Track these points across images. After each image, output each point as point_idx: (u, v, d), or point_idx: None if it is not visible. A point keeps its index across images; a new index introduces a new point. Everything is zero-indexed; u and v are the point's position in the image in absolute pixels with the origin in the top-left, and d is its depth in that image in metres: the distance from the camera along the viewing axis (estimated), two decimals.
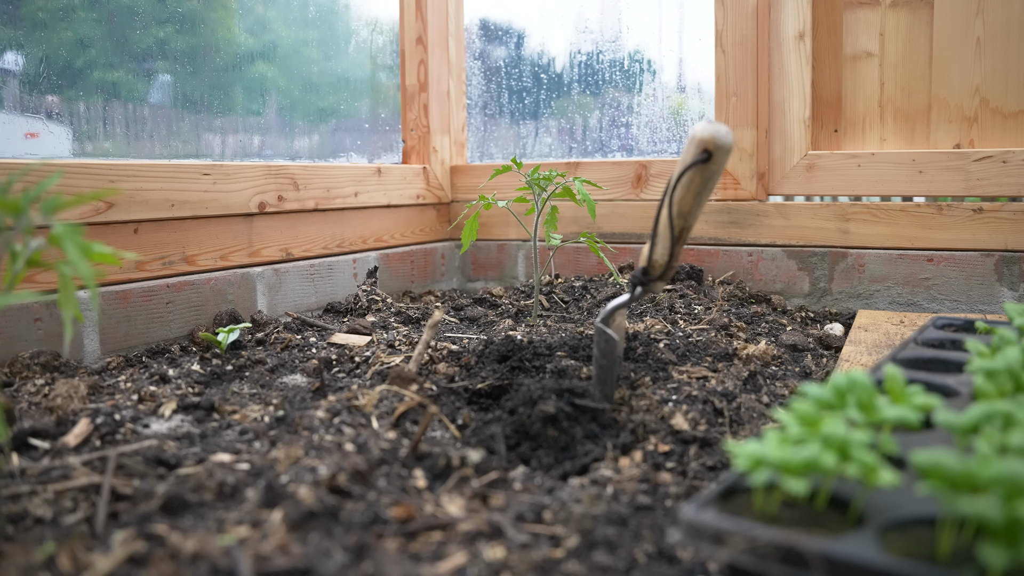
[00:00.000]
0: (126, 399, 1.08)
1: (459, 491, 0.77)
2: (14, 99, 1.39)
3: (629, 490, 0.76)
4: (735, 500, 0.60)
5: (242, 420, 1.00)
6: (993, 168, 1.71)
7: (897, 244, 1.79)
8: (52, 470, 0.80)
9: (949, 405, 0.80)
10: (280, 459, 0.81)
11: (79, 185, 1.30)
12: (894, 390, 0.69)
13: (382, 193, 1.99)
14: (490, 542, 0.66)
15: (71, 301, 0.66)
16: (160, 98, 1.65)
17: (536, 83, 2.31)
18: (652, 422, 0.94)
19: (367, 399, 1.01)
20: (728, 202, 1.93)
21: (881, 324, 1.53)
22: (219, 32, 1.76)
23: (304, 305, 1.74)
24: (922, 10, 1.81)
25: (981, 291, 1.71)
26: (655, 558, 0.64)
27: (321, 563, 0.61)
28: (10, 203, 0.65)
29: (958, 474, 0.49)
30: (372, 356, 1.28)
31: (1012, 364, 0.75)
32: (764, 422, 1.00)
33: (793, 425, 0.59)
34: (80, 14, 1.47)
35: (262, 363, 1.27)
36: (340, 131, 2.11)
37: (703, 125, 0.91)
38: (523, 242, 2.16)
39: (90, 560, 0.61)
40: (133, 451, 0.85)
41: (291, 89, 1.96)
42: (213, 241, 1.54)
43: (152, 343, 1.40)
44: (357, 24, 2.15)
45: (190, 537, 0.64)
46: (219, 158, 1.75)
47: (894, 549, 0.52)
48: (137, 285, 1.39)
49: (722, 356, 1.29)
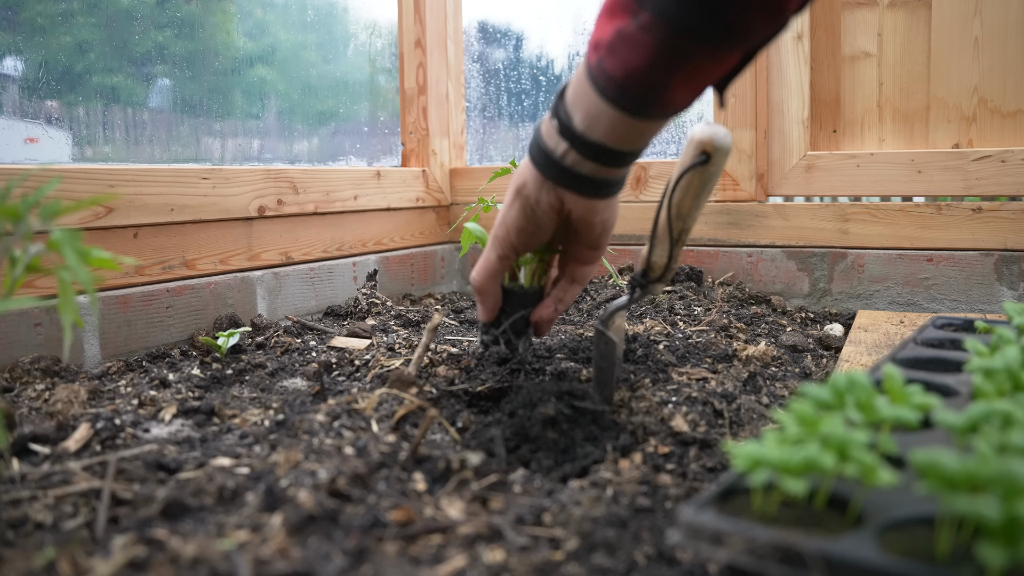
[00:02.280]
0: (126, 404, 1.08)
1: (459, 494, 0.77)
2: (13, 104, 1.39)
3: (629, 492, 0.76)
4: (734, 501, 0.60)
5: (242, 424, 1.00)
6: (992, 167, 1.71)
7: (896, 244, 1.79)
8: (52, 475, 0.80)
9: (948, 404, 0.80)
10: (280, 463, 0.81)
11: (78, 190, 1.30)
12: (893, 390, 0.69)
13: (381, 196, 1.99)
14: (490, 545, 0.66)
15: (70, 306, 0.66)
16: (159, 102, 1.65)
17: (535, 85, 2.32)
18: (652, 424, 0.94)
19: (367, 402, 1.01)
20: (727, 203, 1.93)
21: (881, 324, 1.53)
22: (218, 36, 1.76)
23: (304, 309, 1.74)
24: (920, 10, 1.81)
25: (981, 290, 1.71)
26: (655, 560, 0.64)
27: (321, 567, 0.61)
28: (9, 209, 0.65)
29: (956, 473, 0.49)
30: (372, 359, 1.28)
31: (1011, 363, 0.75)
32: (764, 423, 1.00)
33: (792, 425, 0.60)
34: (79, 19, 1.48)
35: (262, 367, 1.27)
36: (339, 134, 2.11)
37: (701, 127, 0.91)
38: None
39: (90, 565, 0.61)
40: (133, 456, 0.86)
41: (290, 93, 1.97)
42: (213, 245, 1.55)
43: (152, 347, 1.40)
44: (356, 27, 2.16)
45: (190, 541, 0.64)
46: (218, 162, 1.75)
47: (893, 549, 0.52)
48: (137, 290, 1.39)
49: (722, 357, 1.29)
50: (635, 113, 0.83)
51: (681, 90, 0.80)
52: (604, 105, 0.84)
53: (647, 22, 0.76)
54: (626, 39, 0.78)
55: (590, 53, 0.84)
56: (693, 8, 0.74)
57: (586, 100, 0.86)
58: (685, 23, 0.74)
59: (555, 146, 0.90)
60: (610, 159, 0.90)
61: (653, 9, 0.75)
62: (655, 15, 0.75)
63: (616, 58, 0.80)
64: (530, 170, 0.94)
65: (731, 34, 0.75)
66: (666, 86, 0.79)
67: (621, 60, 0.79)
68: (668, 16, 0.75)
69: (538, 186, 0.93)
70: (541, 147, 0.92)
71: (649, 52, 0.77)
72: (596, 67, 0.82)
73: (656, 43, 0.76)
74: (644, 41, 0.77)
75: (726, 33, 0.75)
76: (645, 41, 0.77)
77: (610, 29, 0.80)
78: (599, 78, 0.82)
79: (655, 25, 0.75)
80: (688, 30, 0.75)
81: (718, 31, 0.75)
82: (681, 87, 0.79)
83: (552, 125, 0.91)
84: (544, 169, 0.92)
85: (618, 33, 0.79)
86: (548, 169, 0.92)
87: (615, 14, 0.79)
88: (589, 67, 0.84)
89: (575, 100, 0.88)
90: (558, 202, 0.94)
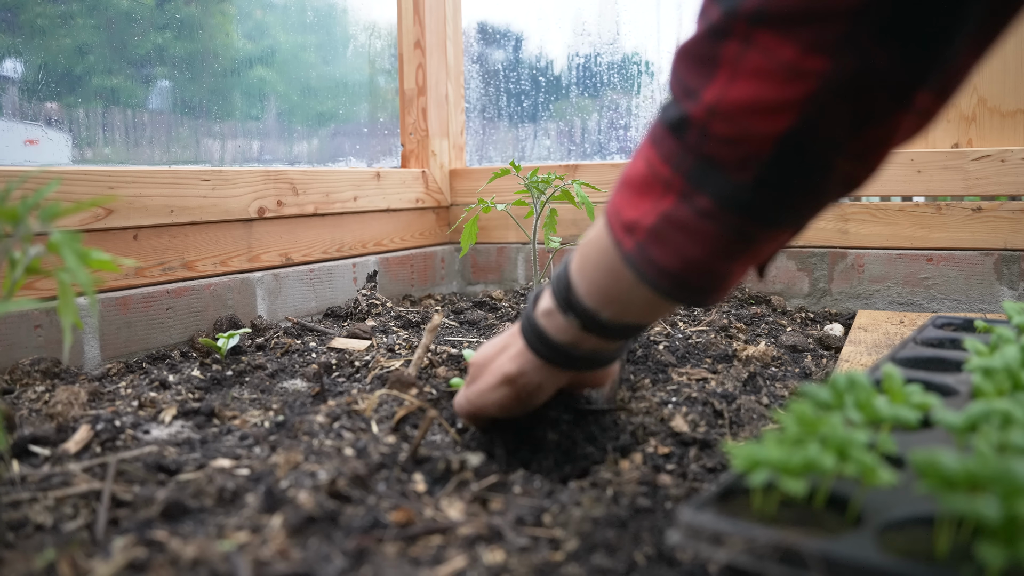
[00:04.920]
0: (126, 405, 1.08)
1: (459, 495, 0.77)
2: (13, 106, 1.39)
3: (629, 492, 0.76)
4: (734, 501, 0.60)
5: (242, 425, 1.00)
6: (991, 167, 1.71)
7: (896, 244, 1.79)
8: (52, 477, 0.80)
9: (948, 404, 0.80)
10: (280, 464, 0.81)
11: (78, 192, 1.30)
12: (892, 389, 0.69)
13: (381, 197, 1.99)
14: (489, 546, 0.66)
15: (70, 308, 0.66)
16: (159, 104, 1.65)
17: (534, 86, 2.32)
18: (652, 424, 0.94)
19: (367, 403, 1.01)
20: None
21: (881, 324, 1.53)
22: (218, 37, 1.77)
23: (304, 310, 1.74)
24: None
25: (981, 290, 1.71)
26: (655, 560, 0.64)
27: (321, 568, 0.61)
28: (9, 211, 0.65)
29: (956, 473, 0.49)
30: (372, 360, 1.28)
31: (1010, 362, 0.75)
32: (764, 423, 1.00)
33: (791, 425, 0.60)
34: (79, 20, 1.48)
35: (262, 368, 1.27)
36: (339, 135, 2.11)
37: None
38: (522, 245, 2.17)
39: (90, 567, 0.61)
40: (133, 457, 0.86)
41: (290, 94, 1.97)
42: (213, 247, 1.55)
43: (152, 349, 1.41)
44: (355, 28, 2.16)
45: (190, 543, 0.64)
46: (218, 163, 1.75)
47: (892, 548, 0.52)
48: (137, 291, 1.39)
49: (722, 357, 1.29)
50: (691, 302, 0.72)
51: (740, 274, 0.72)
52: (650, 294, 0.72)
53: (708, 208, 0.65)
54: (679, 226, 0.67)
55: (621, 235, 0.70)
56: (768, 196, 0.64)
57: (621, 289, 0.73)
58: (759, 211, 0.65)
59: (575, 341, 0.79)
60: (638, 332, 0.81)
61: (716, 194, 0.64)
62: (719, 201, 0.64)
63: (668, 248, 0.68)
64: (530, 361, 0.82)
65: (801, 216, 0.68)
66: (728, 272, 0.70)
67: (675, 251, 0.68)
68: (737, 203, 0.64)
69: (543, 374, 0.83)
70: (550, 344, 0.80)
71: (711, 241, 0.67)
72: (638, 256, 0.70)
73: (720, 232, 0.66)
74: (704, 230, 0.66)
75: (796, 216, 0.68)
76: (705, 230, 0.66)
77: (650, 211, 0.68)
78: (646, 270, 0.70)
79: (719, 212, 0.65)
80: (760, 217, 0.66)
81: (790, 215, 0.67)
82: (740, 271, 0.71)
83: (564, 322, 0.78)
84: (557, 361, 0.81)
85: (665, 218, 0.67)
86: (562, 361, 0.81)
87: (650, 192, 0.68)
88: (624, 252, 0.70)
89: (599, 290, 0.75)
90: (566, 379, 0.86)
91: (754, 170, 0.63)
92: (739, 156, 0.62)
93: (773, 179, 0.63)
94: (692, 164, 0.65)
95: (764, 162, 0.62)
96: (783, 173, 0.63)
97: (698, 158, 0.64)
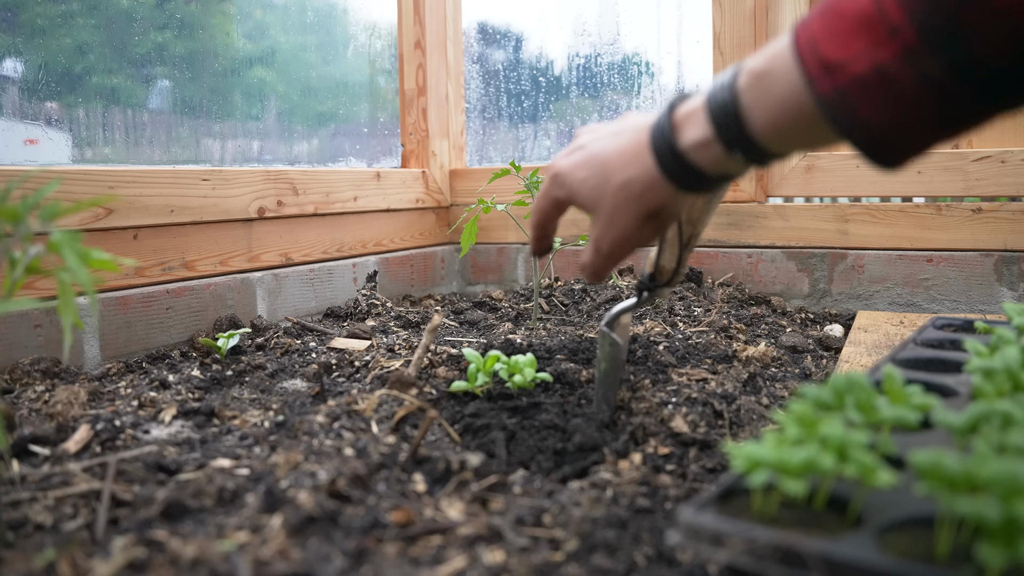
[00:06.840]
0: (126, 405, 1.08)
1: (459, 495, 0.77)
2: (13, 106, 1.39)
3: (629, 493, 0.76)
4: (734, 502, 0.60)
5: (242, 425, 1.00)
6: (992, 168, 1.71)
7: (896, 245, 1.79)
8: (52, 476, 0.80)
9: (948, 405, 0.80)
10: (280, 464, 0.81)
11: (78, 191, 1.30)
12: (892, 390, 0.69)
13: (381, 197, 1.99)
14: (489, 546, 0.66)
15: (70, 308, 0.66)
16: (159, 104, 1.65)
17: (535, 86, 2.32)
18: (652, 424, 0.94)
19: (367, 404, 1.01)
20: (727, 204, 1.93)
21: (881, 325, 1.53)
22: (218, 37, 1.77)
23: (304, 310, 1.74)
24: None
25: (981, 291, 1.71)
26: (655, 560, 0.64)
27: (321, 568, 0.61)
28: (9, 210, 0.65)
29: (956, 474, 0.49)
30: (372, 360, 1.28)
31: (1010, 364, 0.75)
32: (764, 424, 1.00)
33: (791, 426, 0.60)
34: (79, 20, 1.48)
35: (262, 368, 1.27)
36: (339, 135, 2.11)
37: None
38: (523, 245, 2.16)
39: (90, 566, 0.61)
40: (133, 457, 0.86)
41: (290, 94, 1.97)
42: (213, 246, 1.55)
43: (152, 349, 1.40)
44: (355, 29, 2.16)
45: (190, 543, 0.64)
46: (218, 163, 1.75)
47: (892, 549, 0.52)
48: (137, 291, 1.39)
49: (722, 358, 1.29)
50: (877, 159, 0.65)
51: (937, 146, 0.64)
52: (836, 138, 0.64)
53: (937, 77, 0.57)
54: (893, 85, 0.58)
55: (816, 72, 0.61)
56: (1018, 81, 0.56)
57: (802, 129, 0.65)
58: (998, 93, 0.57)
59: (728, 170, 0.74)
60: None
61: (949, 62, 0.56)
62: (951, 70, 0.56)
63: (875, 106, 0.60)
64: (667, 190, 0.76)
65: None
66: (929, 143, 0.63)
67: (884, 110, 0.60)
68: (973, 75, 0.56)
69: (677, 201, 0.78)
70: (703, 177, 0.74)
71: (926, 110, 0.59)
72: (837, 104, 0.61)
73: (940, 104, 0.58)
74: (922, 100, 0.58)
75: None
76: (923, 100, 0.58)
77: (862, 56, 0.59)
78: (844, 118, 0.62)
79: (947, 83, 0.57)
80: (996, 100, 0.58)
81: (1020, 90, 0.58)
82: (940, 143, 0.64)
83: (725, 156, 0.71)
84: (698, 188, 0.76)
85: (879, 71, 0.58)
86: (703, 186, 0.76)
87: (868, 32, 0.58)
88: (818, 94, 0.62)
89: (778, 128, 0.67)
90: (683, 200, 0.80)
91: (1014, 48, 0.54)
92: (1003, 32, 0.54)
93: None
94: (937, 23, 0.55)
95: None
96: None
97: (948, 19, 0.55)
